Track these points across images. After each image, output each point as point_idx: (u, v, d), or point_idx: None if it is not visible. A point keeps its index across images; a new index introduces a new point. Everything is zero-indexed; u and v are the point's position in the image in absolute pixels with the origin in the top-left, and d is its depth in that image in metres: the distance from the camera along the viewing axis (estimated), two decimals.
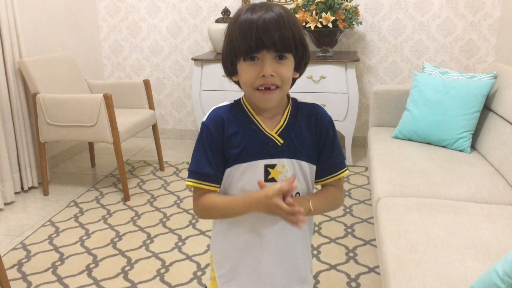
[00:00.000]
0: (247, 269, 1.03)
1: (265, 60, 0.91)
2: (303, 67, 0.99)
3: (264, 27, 0.88)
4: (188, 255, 2.12)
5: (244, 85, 0.95)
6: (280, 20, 0.90)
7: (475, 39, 3.27)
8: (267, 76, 0.91)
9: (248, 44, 0.90)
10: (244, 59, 0.92)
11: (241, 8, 0.94)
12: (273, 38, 0.89)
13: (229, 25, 0.95)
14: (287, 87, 0.96)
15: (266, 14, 0.89)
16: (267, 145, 0.97)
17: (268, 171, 0.96)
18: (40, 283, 1.92)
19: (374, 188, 1.89)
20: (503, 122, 2.08)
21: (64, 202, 2.71)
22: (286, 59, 0.93)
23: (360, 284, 1.88)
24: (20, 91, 2.78)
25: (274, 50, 0.90)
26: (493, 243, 1.35)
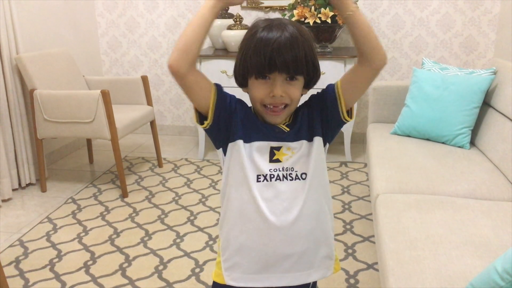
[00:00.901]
0: (252, 253, 1.01)
1: (276, 81, 0.95)
2: (312, 85, 1.02)
3: (278, 50, 0.91)
4: (186, 252, 2.11)
5: (253, 100, 1.00)
6: (294, 42, 0.93)
7: (474, 35, 3.25)
8: (277, 97, 0.95)
9: (261, 65, 0.93)
10: (256, 77, 0.96)
11: (258, 24, 0.97)
12: (286, 61, 0.92)
13: (245, 39, 0.97)
14: (294, 106, 1.00)
15: (281, 35, 0.92)
16: (274, 131, 1.00)
17: (274, 153, 1.00)
18: (37, 280, 1.91)
19: (373, 185, 1.88)
20: (503, 118, 2.07)
21: (62, 199, 2.70)
22: (296, 80, 0.96)
23: (359, 280, 1.87)
24: (17, 87, 2.76)
25: (285, 72, 0.94)
26: (493, 239, 1.35)
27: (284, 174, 0.99)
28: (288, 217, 0.99)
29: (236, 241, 1.02)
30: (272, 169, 0.99)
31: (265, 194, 0.99)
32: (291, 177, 0.99)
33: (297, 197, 1.00)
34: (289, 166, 1.00)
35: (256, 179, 0.99)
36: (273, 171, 0.99)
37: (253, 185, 0.98)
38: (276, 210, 0.99)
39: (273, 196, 0.99)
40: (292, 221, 0.99)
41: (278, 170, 0.99)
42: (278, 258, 1.01)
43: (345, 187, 2.79)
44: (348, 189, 2.76)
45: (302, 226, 1.01)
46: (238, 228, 1.02)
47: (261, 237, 1.00)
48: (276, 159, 0.99)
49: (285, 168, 0.99)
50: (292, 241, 1.00)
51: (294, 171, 1.00)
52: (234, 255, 1.03)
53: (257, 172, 0.99)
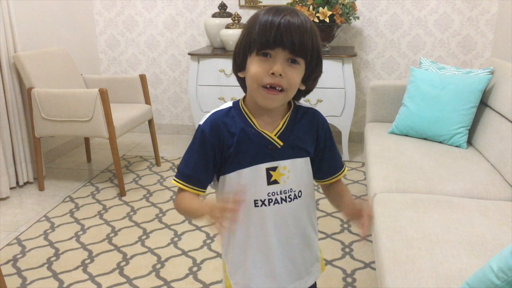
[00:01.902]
0: (260, 272, 1.02)
1: (278, 59, 0.89)
2: (312, 81, 0.97)
3: (286, 26, 0.88)
4: (184, 250, 2.11)
5: (251, 79, 0.92)
6: (303, 25, 0.89)
7: (472, 35, 3.26)
8: (276, 75, 0.89)
9: (266, 38, 0.88)
10: (257, 53, 0.90)
11: (260, 11, 0.93)
12: (293, 38, 0.88)
13: (249, 22, 0.93)
14: (292, 92, 0.94)
15: (291, 16, 0.89)
16: (266, 148, 0.95)
17: (270, 174, 0.96)
18: (35, 279, 1.91)
19: (371, 184, 1.88)
20: (500, 118, 2.08)
21: (60, 197, 2.70)
22: (298, 64, 0.91)
23: (356, 279, 1.88)
24: (15, 85, 2.76)
25: (289, 51, 0.89)
26: (489, 239, 1.35)
27: (282, 197, 0.97)
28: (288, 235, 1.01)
29: (243, 265, 1.03)
30: (270, 192, 0.96)
31: (263, 219, 0.97)
32: (290, 198, 0.98)
33: (295, 215, 1.00)
34: (287, 188, 0.97)
35: (254, 204, 0.96)
36: (271, 195, 0.96)
37: (250, 211, 0.97)
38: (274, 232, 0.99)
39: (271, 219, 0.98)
40: (292, 237, 1.01)
41: (276, 193, 0.96)
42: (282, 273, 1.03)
43: None
44: None
45: (300, 239, 1.03)
46: (243, 254, 1.02)
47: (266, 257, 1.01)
48: (273, 181, 0.96)
49: (283, 191, 0.97)
50: (293, 255, 1.03)
51: (292, 191, 0.98)
52: (243, 278, 1.04)
53: (254, 197, 0.96)
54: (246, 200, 0.95)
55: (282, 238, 1.00)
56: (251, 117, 0.97)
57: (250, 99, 0.98)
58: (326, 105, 3.09)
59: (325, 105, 3.08)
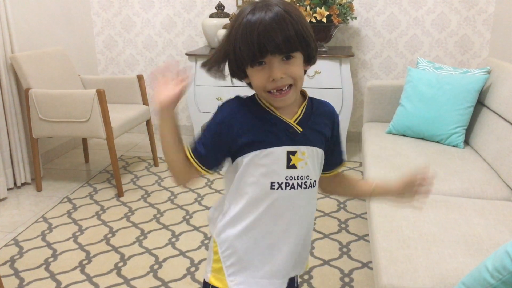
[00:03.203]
0: (259, 258, 1.00)
1: (272, 64, 0.89)
2: (313, 58, 0.97)
3: (264, 32, 0.86)
4: (181, 251, 2.11)
5: (256, 89, 0.95)
6: (281, 20, 0.87)
7: (469, 34, 3.27)
8: (276, 80, 0.90)
9: (252, 52, 0.88)
10: (251, 66, 0.91)
11: (243, 9, 0.92)
12: (276, 42, 0.86)
13: (232, 28, 0.92)
14: (300, 83, 0.94)
15: (265, 16, 0.87)
16: (288, 132, 0.96)
17: (290, 158, 0.96)
18: (32, 280, 1.91)
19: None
20: (496, 118, 2.08)
21: (57, 198, 2.70)
22: (294, 57, 0.91)
23: (353, 279, 1.88)
24: (12, 86, 2.76)
25: (279, 53, 0.88)
26: (485, 238, 1.36)
27: (299, 182, 0.97)
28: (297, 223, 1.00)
29: (243, 247, 1.00)
30: (288, 176, 0.95)
31: (278, 202, 0.97)
32: (306, 185, 0.98)
33: (307, 203, 1.00)
34: (305, 175, 0.97)
35: (270, 186, 0.96)
36: (289, 179, 0.96)
37: (266, 193, 0.96)
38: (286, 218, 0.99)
39: (286, 204, 0.97)
40: (300, 225, 1.01)
41: (293, 178, 0.96)
42: (282, 264, 1.02)
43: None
44: None
45: (306, 229, 1.03)
46: (247, 235, 0.99)
47: (270, 246, 1.00)
48: (292, 165, 0.96)
49: (300, 177, 0.96)
50: (296, 246, 1.02)
51: (309, 179, 0.98)
52: (240, 261, 1.01)
53: (271, 179, 0.95)
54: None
55: (291, 225, 0.99)
56: (269, 107, 0.98)
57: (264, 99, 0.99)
58: None
59: None
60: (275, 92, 0.92)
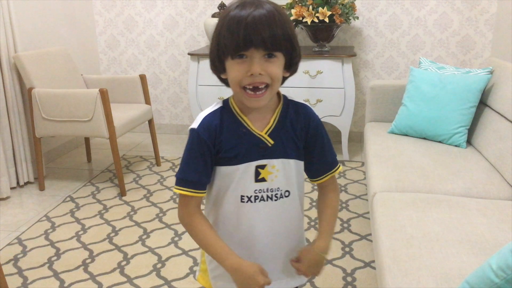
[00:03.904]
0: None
1: (254, 59, 0.88)
2: (294, 66, 0.95)
3: (253, 25, 0.86)
4: (184, 250, 2.12)
5: (232, 83, 0.92)
6: (271, 18, 0.87)
7: (471, 34, 3.27)
8: (255, 75, 0.88)
9: (236, 42, 0.86)
10: (232, 57, 0.89)
11: (231, 4, 0.91)
12: (262, 36, 0.86)
13: (218, 21, 0.92)
14: (276, 86, 0.93)
15: (256, 11, 0.87)
16: (258, 147, 0.96)
17: (259, 172, 0.96)
18: (36, 278, 1.91)
19: (370, 183, 1.89)
20: (499, 117, 2.08)
21: (60, 197, 2.71)
22: (276, 57, 0.90)
23: (356, 278, 1.89)
24: (15, 85, 2.76)
25: (263, 49, 0.87)
26: (488, 237, 1.36)
27: (268, 195, 0.97)
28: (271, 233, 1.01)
29: None
30: (257, 189, 0.96)
31: (249, 214, 0.98)
32: (276, 197, 0.98)
33: (281, 214, 1.01)
34: (274, 187, 0.97)
35: (240, 200, 0.97)
36: (258, 192, 0.96)
37: (237, 206, 0.98)
38: (259, 229, 1.00)
39: (257, 216, 0.98)
40: (276, 235, 1.02)
41: (262, 191, 0.97)
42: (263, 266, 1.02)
43: (343, 185, 2.80)
44: (345, 188, 2.77)
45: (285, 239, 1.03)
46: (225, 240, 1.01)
47: (248, 249, 1.01)
48: (261, 179, 0.96)
49: (269, 189, 0.97)
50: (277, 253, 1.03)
51: (279, 190, 0.98)
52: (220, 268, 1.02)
53: (241, 193, 0.97)
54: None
55: (266, 235, 1.00)
56: (241, 115, 0.97)
57: (237, 98, 0.97)
58: (326, 105, 3.09)
59: (324, 105, 3.09)
60: (250, 91, 0.91)
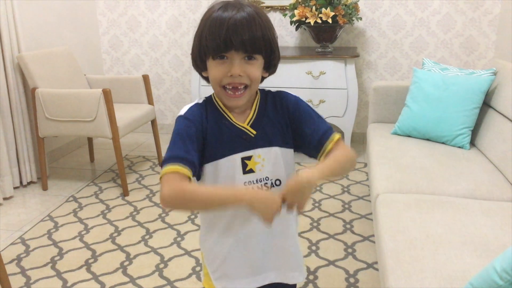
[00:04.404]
0: (237, 261, 1.04)
1: (234, 60, 0.91)
2: (273, 67, 0.99)
3: (234, 28, 0.88)
4: (187, 250, 2.12)
5: (212, 82, 0.95)
6: (251, 21, 0.90)
7: (475, 35, 3.26)
8: (235, 76, 0.91)
9: (217, 44, 0.89)
10: (213, 58, 0.92)
11: (214, 5, 0.93)
12: (243, 38, 0.89)
13: (201, 21, 0.94)
14: (255, 86, 0.96)
15: (237, 13, 0.89)
16: (241, 138, 0.97)
17: (245, 163, 0.97)
18: (39, 278, 1.92)
19: (373, 184, 1.89)
20: (503, 119, 2.08)
21: (63, 197, 2.71)
22: (255, 59, 0.93)
23: (359, 280, 1.88)
24: (19, 85, 2.77)
25: (243, 51, 0.90)
26: (492, 239, 1.36)
27: (258, 186, 0.98)
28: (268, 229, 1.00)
29: (221, 253, 1.03)
30: (246, 181, 0.97)
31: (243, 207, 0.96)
32: (267, 187, 0.98)
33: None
34: (263, 177, 0.98)
35: None
36: (248, 184, 0.97)
37: None
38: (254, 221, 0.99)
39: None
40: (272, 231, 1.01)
41: (252, 182, 0.97)
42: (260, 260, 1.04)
43: (345, 186, 2.80)
44: (348, 189, 2.76)
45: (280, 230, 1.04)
46: (221, 241, 1.02)
47: (244, 245, 1.02)
48: (249, 170, 0.97)
49: (259, 180, 0.98)
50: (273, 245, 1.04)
51: (269, 180, 0.98)
52: (221, 266, 1.05)
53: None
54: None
55: (261, 227, 0.99)
56: (224, 109, 0.99)
57: (218, 96, 0.99)
58: (329, 105, 3.09)
59: (327, 105, 3.09)
60: (230, 91, 0.93)
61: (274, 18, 3.50)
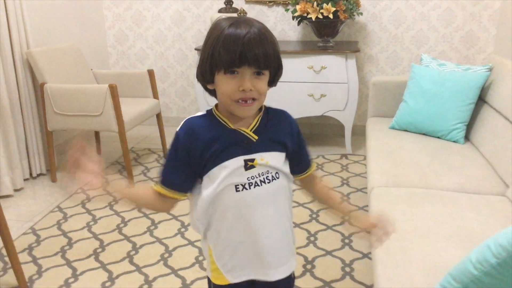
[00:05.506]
0: (247, 253, 1.08)
1: (245, 75, 0.96)
2: (276, 81, 1.05)
3: (249, 44, 0.93)
4: (190, 240, 2.21)
5: (223, 96, 1.00)
6: (263, 37, 0.95)
7: (475, 30, 3.30)
8: (246, 91, 0.96)
9: (232, 59, 0.94)
10: (224, 72, 0.96)
11: (222, 22, 0.98)
12: (256, 54, 0.94)
13: (212, 36, 0.98)
14: (263, 99, 1.02)
15: (250, 30, 0.94)
16: (243, 143, 1.02)
17: (247, 163, 1.02)
18: (50, 266, 2.02)
19: (369, 178, 1.96)
20: (497, 115, 2.13)
21: (71, 188, 2.80)
22: (263, 75, 0.98)
23: (354, 269, 1.97)
24: (28, 81, 2.86)
25: (255, 66, 0.96)
26: (478, 232, 1.43)
27: (261, 179, 1.03)
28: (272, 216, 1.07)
29: (229, 248, 1.08)
30: (249, 177, 1.02)
31: (246, 201, 1.03)
32: (269, 179, 1.04)
33: (275, 196, 1.07)
34: (264, 170, 1.03)
35: (235, 190, 1.02)
36: (251, 179, 1.02)
37: (234, 198, 1.03)
38: (259, 215, 1.05)
39: (255, 201, 1.04)
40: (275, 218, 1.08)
41: (255, 177, 1.02)
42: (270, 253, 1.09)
43: (345, 179, 2.87)
44: (347, 181, 2.84)
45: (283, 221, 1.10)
46: (227, 236, 1.07)
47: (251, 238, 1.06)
48: (251, 166, 1.02)
49: (261, 174, 1.03)
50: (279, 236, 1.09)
51: (269, 173, 1.04)
52: (230, 259, 1.09)
53: (235, 183, 1.02)
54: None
55: (267, 219, 1.06)
56: (226, 120, 1.04)
57: (223, 107, 1.04)
58: (330, 99, 3.15)
59: (328, 99, 3.15)
60: (241, 101, 0.98)
61: (277, 13, 3.55)
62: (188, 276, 1.95)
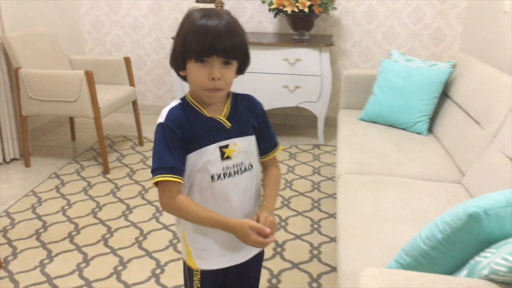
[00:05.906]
0: (219, 238, 1.16)
1: (214, 64, 1.04)
2: (244, 70, 1.14)
3: (218, 36, 1.02)
4: (164, 224, 2.27)
5: (194, 83, 1.08)
6: (232, 29, 1.04)
7: (443, 27, 3.44)
8: (215, 79, 1.04)
9: (202, 48, 1.02)
10: (195, 60, 1.04)
11: (194, 13, 1.06)
12: (225, 45, 1.02)
13: (184, 26, 1.06)
14: (229, 88, 1.12)
15: (220, 22, 1.02)
16: (219, 130, 1.12)
17: (223, 152, 1.11)
18: (25, 248, 2.05)
19: (338, 166, 2.06)
20: (457, 108, 2.27)
21: (46, 174, 2.82)
22: (231, 64, 1.07)
23: (321, 252, 2.07)
24: (2, 65, 2.84)
25: (223, 56, 1.04)
26: (433, 215, 1.54)
27: (235, 170, 1.13)
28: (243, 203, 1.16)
29: (201, 233, 1.16)
30: (224, 167, 1.11)
31: (221, 190, 1.12)
32: (241, 171, 1.14)
33: (247, 185, 1.16)
34: (239, 162, 1.13)
35: (211, 179, 1.11)
36: (226, 169, 1.12)
37: (210, 185, 1.11)
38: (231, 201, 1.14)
39: (229, 190, 1.13)
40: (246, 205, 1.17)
41: (229, 167, 1.12)
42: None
43: (316, 168, 2.98)
44: (318, 170, 2.95)
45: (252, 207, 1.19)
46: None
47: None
48: (226, 157, 1.11)
49: (235, 165, 1.13)
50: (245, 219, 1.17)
51: (243, 165, 1.14)
52: (201, 244, 1.17)
53: (211, 173, 1.11)
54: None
55: (238, 206, 1.15)
56: (199, 107, 1.12)
57: (195, 94, 1.12)
58: (304, 91, 3.24)
59: (302, 91, 3.24)
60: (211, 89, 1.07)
61: (254, 4, 3.61)
62: (162, 258, 2.01)
